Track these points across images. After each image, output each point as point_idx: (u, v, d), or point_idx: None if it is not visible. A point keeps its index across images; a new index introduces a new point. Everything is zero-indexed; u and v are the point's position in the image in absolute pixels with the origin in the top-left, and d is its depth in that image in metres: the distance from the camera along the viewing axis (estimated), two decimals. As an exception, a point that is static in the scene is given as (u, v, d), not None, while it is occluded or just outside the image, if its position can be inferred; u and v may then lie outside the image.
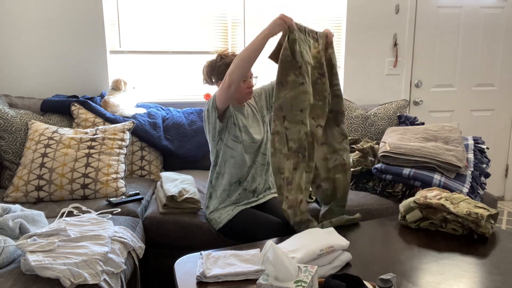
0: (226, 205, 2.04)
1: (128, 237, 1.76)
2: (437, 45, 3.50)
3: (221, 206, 2.04)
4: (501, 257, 1.53)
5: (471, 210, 1.68)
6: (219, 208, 2.04)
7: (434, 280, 1.38)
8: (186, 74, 3.18)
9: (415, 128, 2.64)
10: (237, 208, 2.02)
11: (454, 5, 3.46)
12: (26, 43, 2.89)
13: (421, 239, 1.69)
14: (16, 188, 2.21)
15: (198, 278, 1.39)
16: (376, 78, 3.44)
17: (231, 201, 2.04)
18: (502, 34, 3.59)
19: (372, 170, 2.42)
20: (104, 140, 2.38)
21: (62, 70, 2.96)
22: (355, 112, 2.97)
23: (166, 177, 2.33)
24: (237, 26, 3.18)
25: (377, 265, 1.48)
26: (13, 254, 1.52)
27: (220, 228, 2.02)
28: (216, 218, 2.02)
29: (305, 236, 1.53)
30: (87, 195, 2.24)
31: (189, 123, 2.87)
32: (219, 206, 2.04)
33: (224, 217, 2.01)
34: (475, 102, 3.68)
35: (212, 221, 2.05)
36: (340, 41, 3.37)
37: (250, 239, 1.87)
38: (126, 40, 3.05)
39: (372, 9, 3.32)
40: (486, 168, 2.45)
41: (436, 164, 2.26)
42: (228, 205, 2.04)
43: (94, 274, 1.40)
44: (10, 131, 2.47)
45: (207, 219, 2.08)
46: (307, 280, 1.13)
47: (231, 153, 2.00)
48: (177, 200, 2.09)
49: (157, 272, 2.13)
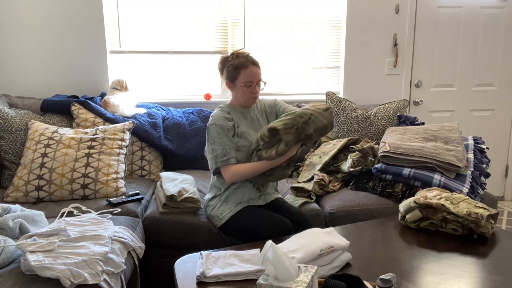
0: (228, 202, 2.03)
1: (128, 237, 1.76)
2: (437, 45, 3.50)
3: (223, 203, 2.03)
4: (501, 257, 1.53)
5: (471, 210, 1.68)
6: (221, 205, 2.03)
7: (434, 280, 1.38)
8: (186, 74, 3.18)
9: (415, 128, 2.64)
10: (240, 205, 2.01)
11: (454, 5, 3.46)
12: (26, 43, 2.89)
13: (421, 239, 1.69)
14: (16, 188, 2.21)
15: (198, 278, 1.39)
16: (376, 78, 3.44)
17: (234, 198, 2.03)
18: (502, 34, 3.59)
19: (372, 170, 2.42)
20: (104, 140, 2.38)
21: (62, 70, 2.96)
22: (355, 112, 2.97)
23: (166, 177, 2.33)
24: (237, 26, 3.18)
25: (377, 265, 1.48)
26: (13, 254, 1.52)
27: (222, 225, 2.01)
28: (218, 215, 2.02)
29: (305, 236, 1.53)
30: (87, 195, 2.24)
31: (189, 123, 2.87)
32: (221, 203, 2.03)
33: (226, 213, 2.00)
34: (475, 102, 3.68)
35: (213, 218, 2.04)
36: (340, 41, 3.37)
37: (253, 236, 1.86)
38: (126, 40, 3.05)
39: (372, 9, 3.32)
40: (486, 168, 2.45)
41: (436, 164, 2.25)
42: (231, 202, 2.03)
43: (94, 274, 1.40)
44: (10, 131, 2.47)
45: (208, 216, 2.08)
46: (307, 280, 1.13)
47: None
48: (177, 199, 2.08)
49: (157, 272, 2.13)
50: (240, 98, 1.99)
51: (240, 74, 1.94)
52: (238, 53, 1.99)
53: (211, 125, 1.96)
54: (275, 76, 3.31)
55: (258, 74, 1.96)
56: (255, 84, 1.97)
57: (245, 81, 1.94)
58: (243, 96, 1.98)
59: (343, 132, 2.91)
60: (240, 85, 1.95)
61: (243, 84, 1.95)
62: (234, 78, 1.96)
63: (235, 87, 1.98)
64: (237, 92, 1.99)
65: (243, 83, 1.94)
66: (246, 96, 1.98)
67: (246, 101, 2.00)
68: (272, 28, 3.24)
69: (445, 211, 1.73)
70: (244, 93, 1.97)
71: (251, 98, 1.99)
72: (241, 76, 1.94)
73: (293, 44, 3.29)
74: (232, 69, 1.96)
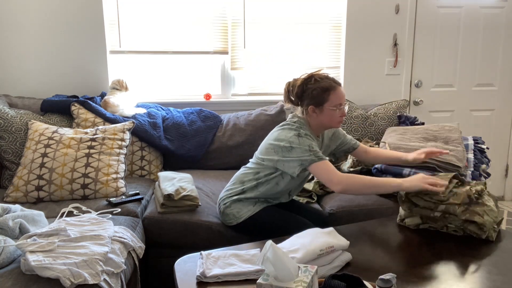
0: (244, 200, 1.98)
1: (128, 237, 1.76)
2: (437, 45, 3.50)
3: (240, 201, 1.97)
4: (501, 257, 1.53)
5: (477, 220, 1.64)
6: (238, 203, 1.97)
7: (434, 280, 1.38)
8: (186, 74, 3.18)
9: (415, 128, 2.64)
10: (259, 204, 1.96)
11: (454, 5, 3.46)
12: (26, 43, 2.89)
13: (421, 239, 1.69)
14: (16, 188, 2.21)
15: (198, 278, 1.39)
16: (376, 78, 3.44)
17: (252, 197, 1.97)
18: (502, 34, 3.59)
19: (372, 170, 2.42)
20: (104, 140, 2.38)
21: (62, 70, 2.96)
22: (355, 112, 2.97)
23: (164, 176, 2.33)
24: (237, 26, 3.18)
25: (377, 265, 1.48)
26: (13, 254, 1.52)
27: (238, 224, 1.95)
28: (235, 213, 1.95)
29: (305, 236, 1.53)
30: (87, 195, 2.24)
31: (189, 123, 2.87)
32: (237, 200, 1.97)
33: (244, 212, 1.94)
34: (475, 102, 3.68)
35: (228, 216, 1.97)
36: (340, 41, 3.37)
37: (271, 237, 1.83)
38: (126, 40, 3.05)
39: (372, 9, 3.32)
40: (486, 168, 2.45)
41: (436, 164, 2.25)
42: (247, 200, 1.97)
43: (94, 274, 1.40)
44: (10, 131, 2.47)
45: (221, 212, 2.01)
46: (307, 280, 1.13)
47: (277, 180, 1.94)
48: (174, 198, 2.08)
49: (157, 272, 2.13)
50: (327, 121, 1.89)
51: (329, 96, 1.85)
52: (318, 76, 1.89)
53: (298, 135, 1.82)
54: (275, 76, 3.31)
55: (344, 95, 1.90)
56: (343, 106, 1.89)
57: (335, 104, 1.86)
58: (332, 120, 1.89)
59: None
60: (330, 108, 1.86)
61: (333, 108, 1.86)
62: (323, 101, 1.86)
63: (321, 112, 1.88)
64: (323, 116, 1.88)
65: (332, 106, 1.86)
66: (336, 119, 1.89)
67: (335, 124, 1.91)
68: (272, 28, 3.24)
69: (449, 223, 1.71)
70: (333, 116, 1.88)
71: (339, 121, 1.91)
72: (331, 98, 1.85)
73: (293, 44, 3.29)
74: (319, 92, 1.86)
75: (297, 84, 1.91)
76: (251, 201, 1.98)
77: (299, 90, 1.90)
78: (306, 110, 1.91)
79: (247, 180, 1.97)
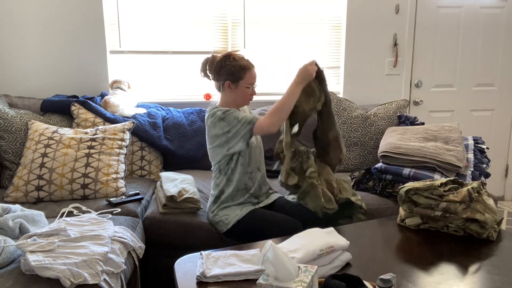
0: (231, 206, 2.03)
1: (128, 237, 1.76)
2: (437, 45, 3.50)
3: (226, 208, 2.03)
4: (501, 257, 1.53)
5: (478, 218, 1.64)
6: (224, 210, 2.03)
7: (434, 280, 1.38)
8: (186, 74, 3.18)
9: (415, 128, 2.64)
10: (246, 208, 2.02)
11: (454, 5, 3.46)
12: (26, 43, 2.89)
13: (421, 239, 1.69)
14: (16, 188, 2.21)
15: (198, 278, 1.39)
16: (376, 78, 3.44)
17: (237, 202, 2.04)
18: (502, 34, 3.59)
19: (372, 170, 2.42)
20: (104, 140, 2.37)
21: (62, 70, 2.96)
22: (355, 112, 2.97)
23: (166, 177, 2.33)
24: (237, 26, 3.17)
25: (377, 265, 1.48)
26: (13, 254, 1.52)
27: (229, 230, 1.99)
28: (223, 220, 2.01)
29: (305, 236, 1.53)
30: (87, 195, 2.24)
31: (189, 123, 2.87)
32: (224, 208, 2.03)
33: (232, 217, 1.99)
34: (475, 102, 3.68)
35: (218, 224, 2.03)
36: (340, 41, 3.37)
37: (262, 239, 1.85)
38: (126, 40, 3.05)
39: (372, 9, 3.32)
40: (486, 168, 2.45)
41: (436, 164, 2.25)
42: (233, 206, 2.03)
43: (94, 274, 1.40)
44: (10, 131, 2.47)
45: (211, 221, 2.07)
46: (307, 280, 1.13)
47: (240, 162, 2.01)
48: (177, 200, 2.08)
49: (157, 272, 2.13)
50: (240, 98, 2.04)
51: (245, 75, 1.99)
52: (237, 56, 2.02)
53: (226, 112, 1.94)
54: (275, 76, 3.31)
55: (256, 76, 2.05)
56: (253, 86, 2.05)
57: (249, 82, 2.01)
58: (244, 97, 2.04)
59: (343, 132, 2.91)
60: (244, 86, 2.00)
61: (247, 85, 2.00)
62: (238, 78, 1.99)
63: (236, 87, 2.01)
64: (237, 92, 2.02)
65: (247, 84, 2.00)
66: (247, 97, 2.05)
67: (245, 101, 2.08)
68: (272, 28, 3.24)
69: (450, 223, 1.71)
70: (245, 94, 2.03)
71: (250, 99, 2.08)
72: (246, 77, 2.00)
73: (293, 44, 3.29)
74: (236, 69, 1.98)
75: (216, 60, 2.01)
76: (238, 206, 2.02)
77: (218, 66, 2.01)
78: (222, 85, 2.02)
79: (219, 181, 2.06)
